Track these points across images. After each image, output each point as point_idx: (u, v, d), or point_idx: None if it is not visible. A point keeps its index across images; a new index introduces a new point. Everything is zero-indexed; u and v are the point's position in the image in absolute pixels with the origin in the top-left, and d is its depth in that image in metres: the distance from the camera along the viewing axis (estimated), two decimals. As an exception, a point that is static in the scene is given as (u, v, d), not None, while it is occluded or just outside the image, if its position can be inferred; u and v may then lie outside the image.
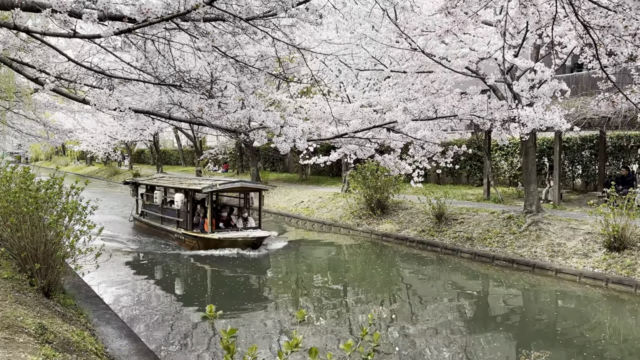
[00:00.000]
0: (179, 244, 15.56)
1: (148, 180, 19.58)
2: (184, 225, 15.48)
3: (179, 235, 15.69)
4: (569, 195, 17.83)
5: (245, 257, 14.12)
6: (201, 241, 14.70)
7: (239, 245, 14.55)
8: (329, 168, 27.57)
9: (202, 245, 14.71)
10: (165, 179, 19.38)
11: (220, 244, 14.54)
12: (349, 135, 5.71)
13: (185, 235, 15.31)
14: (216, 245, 14.55)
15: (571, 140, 18.91)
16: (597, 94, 13.90)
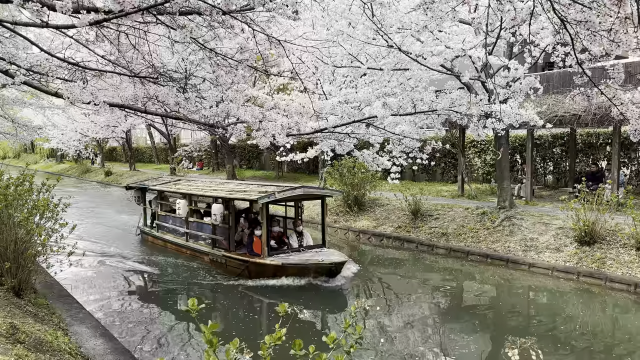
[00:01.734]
0: (216, 268, 12.18)
1: (163, 186, 15.45)
2: (224, 245, 12.09)
3: (216, 257, 12.20)
4: (541, 191, 18.22)
5: (316, 289, 10.53)
6: (254, 267, 11.12)
7: (309, 274, 10.79)
8: (306, 165, 27.57)
9: (254, 272, 11.13)
10: (187, 183, 15.35)
11: (281, 272, 10.86)
12: (329, 130, 5.70)
13: (227, 258, 11.77)
14: (276, 273, 10.91)
15: (543, 138, 19.33)
16: (568, 92, 14.24)
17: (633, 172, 17.17)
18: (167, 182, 15.79)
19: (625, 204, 11.37)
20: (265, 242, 11.13)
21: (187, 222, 13.60)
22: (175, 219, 14.49)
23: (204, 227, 13.08)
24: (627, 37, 2.86)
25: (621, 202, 12.24)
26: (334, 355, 2.71)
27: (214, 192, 12.68)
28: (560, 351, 7.51)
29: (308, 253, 11.47)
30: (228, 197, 11.95)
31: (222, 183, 14.21)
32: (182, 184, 15.11)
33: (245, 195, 11.54)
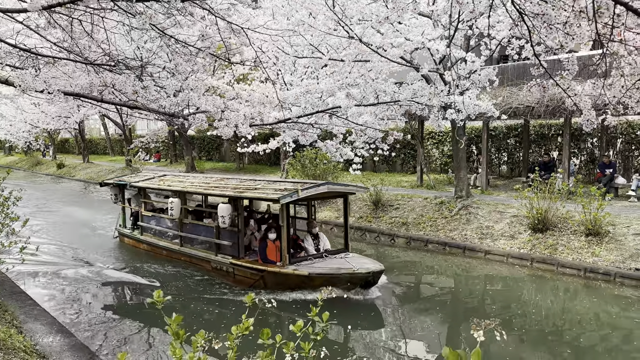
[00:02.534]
0: (220, 277, 10.62)
1: (147, 182, 13.49)
2: (233, 251, 10.41)
3: (220, 265, 10.57)
4: (496, 180, 18.81)
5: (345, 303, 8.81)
6: (272, 278, 9.58)
7: (340, 285, 9.03)
8: (267, 156, 27.40)
9: (271, 283, 9.64)
10: (178, 179, 13.35)
11: (307, 283, 9.25)
12: (293, 120, 5.66)
13: (236, 266, 10.16)
14: (299, 284, 9.32)
15: (497, 129, 19.91)
16: (522, 84, 14.68)
17: (582, 162, 17.95)
18: (150, 178, 13.81)
19: (575, 193, 11.88)
20: (286, 248, 9.54)
21: (182, 224, 11.88)
22: (164, 220, 12.78)
23: (204, 230, 11.41)
24: (580, 30, 2.99)
25: (571, 191, 12.78)
26: (301, 343, 2.72)
27: (217, 190, 10.92)
28: (516, 333, 7.81)
29: (334, 260, 9.83)
30: (239, 196, 10.19)
31: (222, 179, 12.20)
32: (170, 180, 13.18)
33: (259, 193, 9.94)
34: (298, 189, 9.33)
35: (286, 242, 9.53)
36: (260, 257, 9.96)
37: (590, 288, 10.00)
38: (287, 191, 9.36)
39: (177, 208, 11.83)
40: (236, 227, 10.29)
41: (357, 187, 11.22)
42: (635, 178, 14.51)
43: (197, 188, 11.69)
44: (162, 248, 12.52)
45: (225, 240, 10.58)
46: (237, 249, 10.30)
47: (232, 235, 10.44)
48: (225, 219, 10.22)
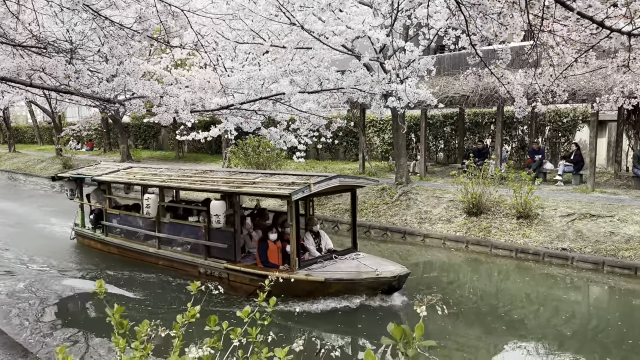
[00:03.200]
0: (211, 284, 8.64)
1: (111, 175, 11.96)
2: (227, 254, 9.24)
3: (212, 270, 9.38)
4: (434, 167, 19.45)
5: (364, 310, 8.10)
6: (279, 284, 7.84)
7: (360, 290, 8.34)
8: (208, 144, 26.84)
9: (277, 290, 7.44)
10: (150, 171, 11.81)
11: (321, 290, 8.32)
12: (235, 107, 5.57)
13: (232, 271, 9.06)
14: (312, 291, 8.34)
15: (435, 117, 20.54)
16: (458, 74, 15.20)
17: (514, 149, 18.89)
18: (115, 171, 12.26)
19: (507, 178, 12.51)
20: (296, 251, 8.47)
21: (159, 223, 10.46)
22: (135, 219, 11.34)
23: (189, 230, 10.12)
24: (513, 21, 3.14)
25: (503, 176, 13.44)
26: (249, 329, 2.73)
27: (205, 184, 9.62)
28: (454, 312, 8.17)
29: (346, 261, 8.82)
30: (235, 192, 8.98)
31: (205, 172, 10.74)
32: (141, 173, 11.66)
33: (260, 188, 8.75)
34: (310, 184, 8.23)
35: (295, 243, 8.45)
36: (261, 260, 8.82)
37: (521, 268, 10.61)
38: (295, 186, 8.29)
39: (154, 205, 10.37)
40: (232, 227, 9.07)
41: (367, 180, 10.27)
42: (562, 164, 15.45)
43: (179, 182, 10.28)
44: (134, 251, 11.04)
45: (217, 241, 9.33)
46: (234, 252, 9.06)
47: (226, 236, 9.20)
48: (220, 217, 8.96)
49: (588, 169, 14.10)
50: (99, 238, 12.04)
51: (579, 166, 15.11)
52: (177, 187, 10.74)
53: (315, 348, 2.66)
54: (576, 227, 11.16)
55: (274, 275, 6.17)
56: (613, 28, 2.96)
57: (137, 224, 11.33)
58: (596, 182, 14.06)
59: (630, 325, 7.80)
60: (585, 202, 12.06)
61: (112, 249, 11.71)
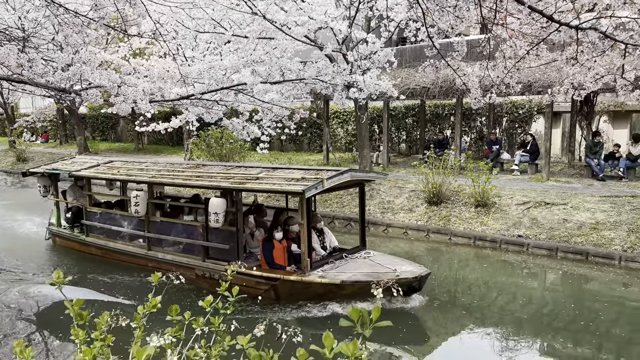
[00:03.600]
0: (210, 288, 8.44)
1: (92, 170, 10.94)
2: (229, 256, 8.56)
3: (211, 273, 8.66)
4: (396, 158, 19.75)
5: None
6: (288, 287, 7.97)
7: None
8: (169, 136, 26.35)
9: (286, 294, 8.03)
10: (135, 166, 10.82)
11: (335, 293, 7.81)
12: (196, 97, 5.49)
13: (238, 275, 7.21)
14: (324, 294, 7.83)
15: (397, 109, 20.83)
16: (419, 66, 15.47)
17: (472, 139, 19.38)
18: (94, 166, 11.28)
19: (466, 168, 12.84)
20: (307, 251, 7.89)
21: (149, 222, 9.66)
22: (121, 218, 10.50)
23: (183, 229, 9.45)
24: (469, 14, 3.23)
25: (463, 166, 13.78)
26: (211, 318, 2.74)
27: (202, 180, 8.82)
28: (415, 299, 8.37)
29: (358, 261, 8.39)
30: (238, 189, 8.28)
31: (197, 166, 9.87)
32: (125, 168, 10.71)
33: (267, 184, 8.11)
34: (323, 179, 7.66)
35: (307, 242, 7.90)
36: (266, 262, 8.25)
37: (480, 256, 10.94)
38: (307, 181, 7.73)
39: (144, 203, 9.50)
40: (233, 226, 8.40)
41: (376, 174, 9.72)
42: (518, 154, 15.96)
43: (172, 178, 9.40)
44: (119, 252, 10.20)
45: (216, 241, 8.70)
46: (236, 253, 8.44)
47: (227, 236, 8.56)
48: (219, 216, 8.30)
49: (543, 159, 14.62)
50: (78, 238, 11.10)
51: (534, 156, 15.64)
52: (170, 184, 9.81)
53: (277, 333, 2.69)
54: (531, 215, 11.59)
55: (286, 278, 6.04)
56: (562, 22, 3.10)
57: (123, 223, 10.48)
58: (551, 171, 14.60)
59: (581, 307, 8.20)
60: (540, 191, 12.52)
61: (93, 250, 10.80)
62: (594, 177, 14.18)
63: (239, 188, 8.26)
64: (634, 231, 10.27)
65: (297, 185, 7.64)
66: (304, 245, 7.87)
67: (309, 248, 8.16)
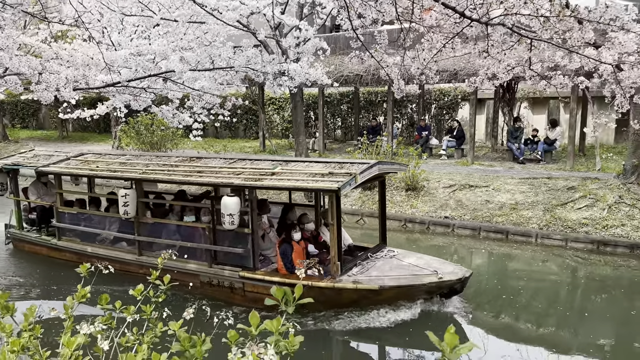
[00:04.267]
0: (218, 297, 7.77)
1: (64, 166, 9.70)
2: (243, 261, 7.74)
3: (223, 280, 7.77)
4: (332, 144, 20.07)
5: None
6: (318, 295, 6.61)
7: (418, 295, 7.31)
8: (95, 123, 25.18)
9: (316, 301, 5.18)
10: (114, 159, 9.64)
11: (369, 299, 7.15)
12: (122, 84, 5.35)
13: (249, 281, 7.56)
14: (358, 301, 7.17)
15: (332, 96, 21.10)
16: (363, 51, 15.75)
17: (404, 126, 20.03)
18: (64, 160, 9.99)
19: (398, 153, 13.32)
20: (337, 254, 7.13)
21: (140, 224, 8.61)
22: (102, 219, 9.44)
23: (183, 232, 8.44)
24: (389, 8, 3.41)
25: (395, 152, 14.27)
26: (142, 306, 2.78)
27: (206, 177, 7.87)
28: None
29: (387, 261, 7.80)
30: (256, 186, 7.32)
31: (192, 159, 8.83)
32: (103, 162, 9.44)
33: (289, 181, 7.16)
34: (356, 174, 6.94)
35: (338, 244, 7.14)
36: (285, 267, 7.38)
37: (410, 239, 11.45)
38: (334, 176, 6.99)
39: (134, 203, 8.40)
40: (248, 228, 7.56)
41: (399, 166, 8.86)
42: (446, 139, 16.70)
43: (168, 175, 8.26)
44: (102, 258, 8.36)
45: (228, 245, 7.80)
46: (252, 258, 7.59)
47: (240, 238, 7.69)
48: (235, 217, 7.31)
49: (468, 144, 15.41)
50: (48, 243, 9.85)
51: (460, 141, 16.44)
52: (167, 181, 8.56)
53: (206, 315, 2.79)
54: (457, 197, 12.24)
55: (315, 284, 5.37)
56: (473, 18, 3.35)
57: (103, 225, 9.42)
58: (475, 155, 15.43)
59: (504, 284, 8.84)
60: (465, 174, 13.21)
61: (67, 256, 9.51)
62: (514, 160, 15.12)
63: (255, 185, 7.30)
64: (549, 210, 11.13)
65: (329, 182, 6.83)
66: (334, 248, 7.12)
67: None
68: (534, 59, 4.15)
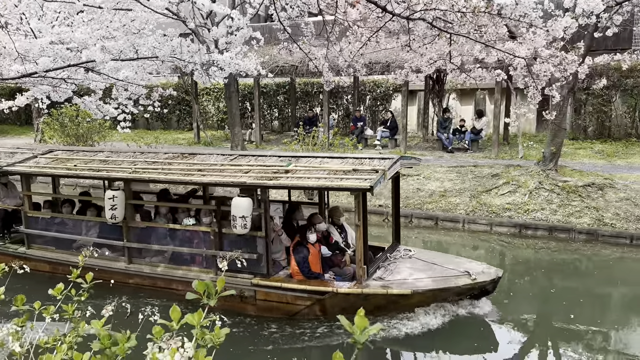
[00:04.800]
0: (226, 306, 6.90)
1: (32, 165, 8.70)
2: (255, 267, 7.10)
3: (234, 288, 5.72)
4: (269, 135, 19.97)
5: None
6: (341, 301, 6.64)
7: (449, 298, 6.99)
8: (15, 115, 23.63)
9: (337, 308, 6.63)
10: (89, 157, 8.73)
11: (397, 304, 6.69)
12: (40, 75, 5.05)
13: (264, 289, 6.99)
14: (386, 306, 6.72)
15: (268, 86, 20.96)
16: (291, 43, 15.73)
17: (340, 117, 20.27)
18: (31, 158, 8.96)
19: (334, 144, 13.49)
20: (364, 257, 6.68)
21: (129, 229, 7.82)
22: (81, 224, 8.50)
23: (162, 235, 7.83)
24: (315, 1, 3.46)
25: (331, 142, 14.44)
26: (63, 306, 2.69)
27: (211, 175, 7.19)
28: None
29: (407, 262, 7.38)
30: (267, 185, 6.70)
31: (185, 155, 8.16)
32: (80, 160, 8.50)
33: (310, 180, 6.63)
34: (385, 170, 6.50)
35: (364, 246, 6.69)
36: (302, 271, 6.88)
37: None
38: (360, 173, 6.51)
39: (122, 206, 7.57)
40: (261, 231, 6.97)
41: (416, 160, 8.36)
42: (380, 129, 17.08)
43: (162, 173, 7.47)
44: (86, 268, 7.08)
45: (237, 250, 6.89)
46: (266, 264, 6.97)
47: (251, 243, 7.09)
48: (247, 220, 6.68)
49: (401, 134, 15.84)
50: (14, 251, 8.80)
51: (394, 132, 16.87)
52: (164, 181, 7.74)
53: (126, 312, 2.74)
54: (390, 186, 12.58)
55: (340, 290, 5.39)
56: (394, 12, 3.46)
57: (80, 230, 8.50)
58: (408, 145, 15.91)
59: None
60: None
61: (39, 267, 8.40)
62: (444, 149, 15.73)
63: (268, 185, 6.68)
64: (475, 196, 11.70)
65: (355, 180, 6.35)
66: (360, 251, 6.62)
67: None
68: (454, 52, 4.34)
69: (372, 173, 6.42)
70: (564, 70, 4.45)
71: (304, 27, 4.07)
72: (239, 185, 6.82)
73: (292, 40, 4.05)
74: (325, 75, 4.65)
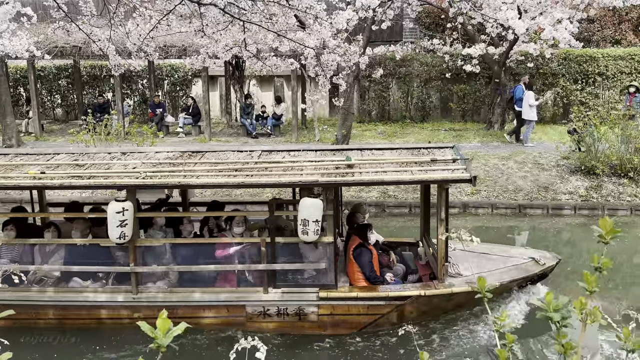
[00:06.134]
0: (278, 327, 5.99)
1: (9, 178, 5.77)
2: (322, 278, 6.12)
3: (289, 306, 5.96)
4: (52, 125, 17.71)
5: None
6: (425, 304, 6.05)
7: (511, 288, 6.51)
8: None
9: (418, 312, 6.06)
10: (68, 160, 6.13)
11: (474, 300, 5.71)
12: None
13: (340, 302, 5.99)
14: (464, 304, 6.31)
15: (47, 69, 18.50)
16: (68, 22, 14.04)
17: (136, 103, 18.98)
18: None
19: (130, 132, 12.58)
20: (444, 255, 6.08)
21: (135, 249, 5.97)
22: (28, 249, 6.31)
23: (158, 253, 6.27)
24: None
25: (127, 131, 13.43)
26: None
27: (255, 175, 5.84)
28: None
29: (460, 255, 6.72)
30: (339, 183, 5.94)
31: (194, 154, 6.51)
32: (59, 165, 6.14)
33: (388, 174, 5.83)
34: (468, 159, 6.06)
35: (443, 245, 6.08)
36: (367, 277, 6.18)
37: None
38: (442, 164, 5.96)
39: (132, 221, 5.77)
40: (334, 235, 5.99)
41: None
42: (182, 116, 16.51)
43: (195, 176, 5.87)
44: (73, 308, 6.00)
45: (291, 259, 6.12)
46: (334, 274, 6.05)
47: (314, 250, 6.15)
48: (318, 225, 5.70)
49: (204, 121, 15.57)
50: None
51: (197, 118, 16.49)
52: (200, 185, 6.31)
53: None
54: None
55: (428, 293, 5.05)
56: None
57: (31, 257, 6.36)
58: (212, 132, 15.73)
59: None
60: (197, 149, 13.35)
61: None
62: (248, 135, 15.97)
63: (340, 182, 6.01)
64: (279, 179, 12.18)
65: (445, 172, 5.84)
66: (442, 247, 6.10)
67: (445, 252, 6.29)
68: (249, 40, 4.39)
69: (449, 163, 6.03)
70: (349, 60, 4.86)
71: (83, 6, 3.63)
72: (311, 184, 5.84)
73: (69, 19, 3.59)
74: (112, 58, 4.26)
